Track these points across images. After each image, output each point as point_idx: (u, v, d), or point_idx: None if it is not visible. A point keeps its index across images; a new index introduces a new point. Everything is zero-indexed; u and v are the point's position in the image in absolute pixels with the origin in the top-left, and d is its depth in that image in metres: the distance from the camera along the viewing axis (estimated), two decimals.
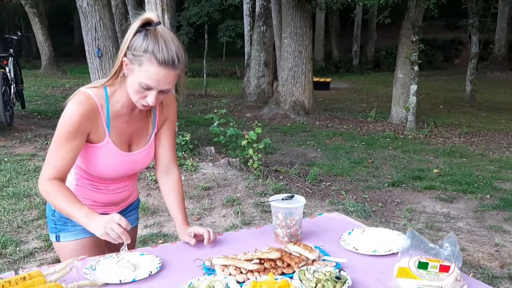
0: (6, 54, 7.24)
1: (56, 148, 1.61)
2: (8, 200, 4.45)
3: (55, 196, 1.60)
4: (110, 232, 1.50)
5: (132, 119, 1.72)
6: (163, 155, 1.87)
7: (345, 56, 21.61)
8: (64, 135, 1.59)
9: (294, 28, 9.48)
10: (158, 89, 1.56)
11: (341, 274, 1.40)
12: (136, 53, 1.52)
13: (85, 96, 1.60)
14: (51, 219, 1.84)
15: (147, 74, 1.52)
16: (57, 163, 1.61)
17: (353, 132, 8.75)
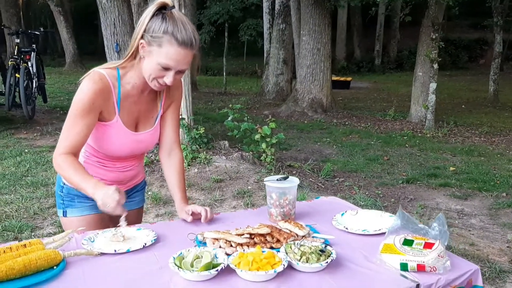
0: (29, 49, 7.45)
1: (71, 124, 1.66)
2: (27, 189, 4.59)
3: (66, 169, 1.65)
4: (106, 205, 1.57)
5: (140, 100, 1.79)
6: (167, 136, 1.93)
7: (367, 55, 21.45)
8: (78, 111, 1.65)
9: (312, 25, 9.48)
10: (177, 69, 1.63)
11: (327, 248, 1.44)
12: (155, 35, 1.58)
13: (99, 76, 1.67)
14: (59, 195, 1.92)
15: (167, 54, 1.59)
16: (71, 138, 1.66)
17: (370, 130, 8.70)
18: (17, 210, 4.07)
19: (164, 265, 1.42)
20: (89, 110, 1.65)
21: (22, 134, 6.77)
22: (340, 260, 1.45)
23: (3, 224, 3.74)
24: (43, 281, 1.33)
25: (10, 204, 4.21)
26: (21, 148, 6.01)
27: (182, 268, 1.34)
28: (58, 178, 1.94)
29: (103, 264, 1.45)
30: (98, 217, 1.91)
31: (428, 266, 1.36)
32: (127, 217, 2.02)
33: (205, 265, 1.33)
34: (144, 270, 1.41)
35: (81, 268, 1.42)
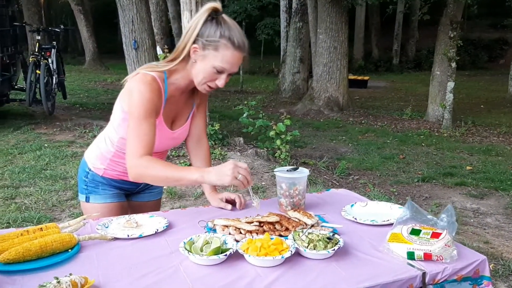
0: (50, 46, 7.58)
1: (138, 127, 1.65)
2: (46, 182, 4.69)
3: (156, 167, 1.63)
4: (237, 176, 1.59)
5: (179, 100, 1.84)
6: (196, 127, 1.99)
7: (385, 55, 21.27)
8: (142, 113, 1.65)
9: (329, 23, 9.46)
10: (230, 72, 1.69)
11: (334, 236, 1.46)
12: (210, 39, 1.63)
13: (151, 77, 1.69)
14: (83, 180, 1.97)
15: (224, 58, 1.64)
16: (143, 140, 1.65)
17: (387, 129, 8.65)
18: (36, 202, 4.17)
19: (175, 250, 1.46)
20: (152, 110, 1.68)
21: (42, 129, 6.91)
22: (348, 248, 1.47)
23: (23, 215, 3.83)
24: (58, 263, 1.38)
25: (29, 196, 4.31)
26: (41, 143, 6.13)
27: (192, 252, 1.37)
28: (83, 163, 2.00)
29: (116, 248, 1.49)
30: (119, 205, 1.97)
31: (434, 255, 1.37)
32: (142, 209, 2.08)
33: (214, 250, 1.36)
34: (155, 254, 1.45)
35: (95, 252, 1.47)
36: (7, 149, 5.85)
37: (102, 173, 1.94)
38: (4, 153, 5.66)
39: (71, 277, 1.21)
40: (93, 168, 1.95)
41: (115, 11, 7.64)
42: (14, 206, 4.04)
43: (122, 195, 2.01)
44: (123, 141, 1.85)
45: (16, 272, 1.33)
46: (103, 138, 1.94)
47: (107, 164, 1.91)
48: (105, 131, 1.95)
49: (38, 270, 1.34)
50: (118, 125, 1.82)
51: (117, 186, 1.97)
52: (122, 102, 1.78)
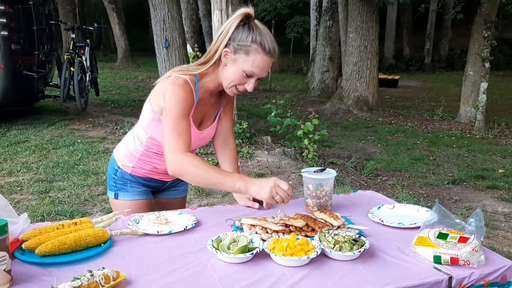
0: (83, 44, 7.78)
1: (176, 125, 1.68)
2: (78, 176, 4.83)
3: (200, 166, 1.64)
4: (275, 196, 1.62)
5: (207, 102, 1.88)
6: (223, 127, 2.02)
7: (416, 54, 20.90)
8: (180, 112, 1.69)
9: (360, 22, 9.37)
10: (259, 76, 1.72)
11: (360, 238, 1.47)
12: (242, 43, 1.67)
13: (183, 80, 1.73)
14: (112, 177, 2.03)
15: (254, 62, 1.68)
16: (182, 136, 1.68)
17: (417, 130, 8.52)
18: (69, 196, 4.30)
19: (203, 247, 1.49)
20: (187, 109, 1.71)
21: (75, 125, 7.10)
22: (373, 250, 1.47)
23: (57, 209, 3.96)
24: (91, 256, 1.43)
25: (63, 190, 4.44)
26: (74, 138, 6.31)
27: (219, 250, 1.41)
28: (112, 161, 2.06)
29: (146, 244, 1.54)
30: (147, 202, 2.02)
31: (461, 259, 1.36)
32: (171, 205, 2.13)
33: (241, 248, 1.39)
34: (184, 251, 1.48)
35: (126, 247, 1.52)
36: (42, 144, 6.04)
37: (130, 171, 1.98)
38: (39, 148, 5.85)
39: (104, 270, 1.25)
40: (121, 166, 2.00)
41: (147, 10, 7.77)
42: (48, 199, 4.17)
43: (149, 193, 2.06)
44: (152, 140, 1.89)
45: (52, 264, 1.39)
46: (131, 136, 1.98)
47: (136, 162, 1.96)
48: (134, 129, 1.99)
49: (72, 263, 1.40)
50: (147, 125, 1.87)
51: (145, 183, 2.02)
52: (153, 103, 1.82)
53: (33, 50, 7.02)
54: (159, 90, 1.77)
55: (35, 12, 7.10)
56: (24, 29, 6.84)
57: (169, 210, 2.05)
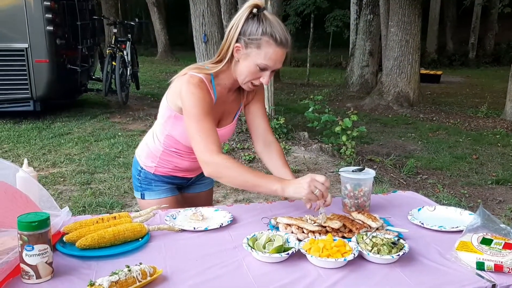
0: (125, 39, 7.94)
1: (200, 125, 1.65)
2: (119, 169, 4.94)
3: (237, 168, 1.62)
4: (314, 191, 1.55)
5: (226, 99, 1.86)
6: (258, 127, 1.95)
7: (460, 48, 20.24)
8: (200, 112, 1.66)
9: (401, 16, 9.14)
10: (273, 68, 1.68)
11: (399, 241, 1.43)
12: (252, 37, 1.63)
13: (198, 79, 1.70)
14: (137, 178, 2.05)
15: (266, 55, 1.64)
16: (210, 136, 1.65)
17: (459, 127, 8.26)
18: (110, 188, 4.41)
19: (238, 245, 1.49)
20: (207, 108, 1.68)
21: (116, 118, 7.27)
22: (413, 254, 1.43)
23: (97, 200, 4.07)
24: (129, 251, 1.46)
25: (103, 182, 4.56)
26: (115, 131, 6.45)
27: (255, 249, 1.40)
28: (135, 162, 2.07)
29: (183, 240, 1.55)
30: (174, 199, 2.03)
31: (506, 267, 1.31)
32: (198, 199, 2.14)
33: (277, 248, 1.38)
34: (219, 248, 1.49)
35: (163, 242, 1.53)
36: (85, 136, 6.22)
37: (153, 170, 1.99)
38: (82, 140, 6.02)
39: (141, 266, 1.27)
40: (144, 166, 2.00)
41: (186, 4, 7.83)
42: (90, 191, 4.29)
43: (174, 189, 2.06)
44: (170, 138, 1.88)
45: (91, 257, 1.42)
46: (151, 135, 1.98)
47: (158, 162, 1.96)
48: (152, 128, 2.00)
49: (111, 257, 1.43)
50: (164, 122, 1.86)
51: (169, 181, 2.02)
52: (169, 101, 1.80)
53: (77, 45, 7.23)
54: (175, 88, 1.75)
55: (79, 8, 7.29)
56: (68, 24, 7.04)
57: (196, 204, 2.06)
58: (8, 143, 5.87)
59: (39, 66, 6.54)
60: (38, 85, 6.61)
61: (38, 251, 1.27)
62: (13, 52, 6.49)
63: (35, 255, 1.26)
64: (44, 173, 4.82)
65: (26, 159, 1.74)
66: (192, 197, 2.16)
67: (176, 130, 1.85)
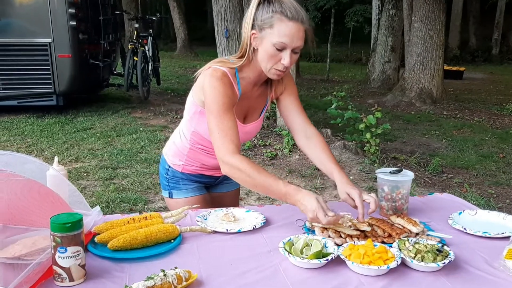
0: (146, 34, 7.94)
1: (220, 123, 1.62)
2: (141, 164, 4.94)
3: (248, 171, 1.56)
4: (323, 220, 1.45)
5: (252, 94, 1.81)
6: (295, 120, 1.87)
7: (483, 44, 19.84)
8: (221, 108, 1.62)
9: (425, 11, 8.96)
10: (292, 47, 1.60)
11: (444, 248, 1.36)
12: (264, 17, 1.59)
13: (221, 72, 1.66)
14: (164, 177, 2.02)
15: (280, 32, 1.58)
16: (229, 134, 1.62)
17: (484, 125, 8.08)
18: (132, 183, 4.40)
19: (273, 248, 1.44)
20: (228, 103, 1.65)
21: (137, 114, 7.28)
22: (457, 261, 1.36)
23: (121, 196, 4.06)
24: (162, 253, 1.42)
25: (126, 177, 4.55)
26: (137, 127, 6.46)
27: (292, 254, 1.35)
28: (162, 161, 2.04)
29: (216, 242, 1.51)
30: (201, 198, 2.00)
31: None
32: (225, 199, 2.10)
33: (315, 254, 1.33)
34: (254, 252, 1.44)
35: (195, 244, 1.49)
36: (107, 131, 6.23)
37: (181, 169, 1.96)
38: (104, 135, 6.04)
39: (176, 270, 1.23)
40: (172, 165, 1.98)
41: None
42: (113, 186, 4.29)
43: (202, 188, 2.02)
44: (196, 135, 1.85)
45: (124, 259, 1.38)
46: (178, 133, 1.96)
47: (185, 160, 1.93)
48: (179, 125, 1.97)
49: (144, 259, 1.39)
50: (190, 118, 1.83)
51: (197, 180, 1.99)
52: (194, 96, 1.78)
53: (99, 40, 7.25)
54: (199, 83, 1.72)
55: (101, 2, 7.31)
56: (91, 19, 7.06)
57: (223, 203, 2.04)
58: (31, 137, 5.92)
59: (62, 60, 6.58)
60: (61, 80, 6.66)
61: (71, 253, 1.23)
62: (37, 47, 6.54)
63: (68, 257, 1.23)
64: (68, 168, 4.83)
65: (56, 157, 1.71)
66: (219, 196, 2.13)
67: (201, 126, 1.81)
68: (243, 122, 1.83)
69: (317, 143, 1.83)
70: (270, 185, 1.54)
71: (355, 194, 1.58)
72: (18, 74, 6.65)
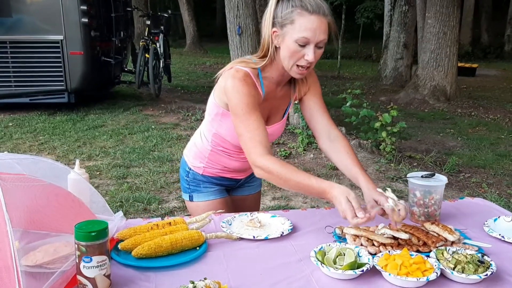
0: (158, 31, 7.89)
1: (247, 124, 1.59)
2: (154, 163, 4.89)
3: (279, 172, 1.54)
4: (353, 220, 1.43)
5: (275, 95, 1.76)
6: (319, 123, 1.81)
7: (495, 40, 19.60)
8: (246, 109, 1.60)
9: (440, 7, 8.83)
10: (315, 41, 1.55)
11: (485, 258, 1.29)
12: (284, 15, 1.55)
13: (244, 73, 1.63)
14: (185, 179, 1.97)
15: (301, 26, 1.53)
16: (257, 135, 1.59)
17: (500, 123, 7.95)
18: (146, 182, 4.36)
19: (303, 257, 1.39)
20: (253, 103, 1.61)
21: (149, 111, 7.24)
22: (499, 273, 1.30)
23: (134, 195, 4.02)
24: (188, 261, 1.37)
25: (139, 176, 4.51)
26: (148, 124, 6.42)
27: (325, 264, 1.29)
28: (183, 163, 1.99)
29: (242, 250, 1.45)
30: (223, 201, 1.95)
31: None
32: (246, 202, 2.05)
33: (350, 264, 1.27)
34: (283, 261, 1.38)
35: (222, 251, 1.44)
36: (118, 129, 6.20)
37: (202, 171, 1.91)
38: (116, 133, 6.01)
39: (206, 281, 1.18)
40: (192, 167, 1.93)
41: None
42: (126, 185, 4.25)
43: (223, 191, 1.98)
44: (218, 137, 1.81)
45: (149, 268, 1.33)
46: (199, 134, 1.92)
47: (206, 162, 1.89)
48: (200, 127, 1.93)
49: (169, 267, 1.34)
50: (212, 120, 1.79)
51: (218, 183, 1.95)
52: (216, 97, 1.74)
53: (110, 37, 7.21)
54: (221, 83, 1.68)
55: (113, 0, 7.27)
56: (103, 16, 7.02)
57: (244, 206, 2.01)
58: (43, 135, 5.90)
59: (74, 58, 6.55)
60: (72, 77, 6.63)
61: (97, 262, 1.18)
62: (49, 44, 6.52)
63: (94, 267, 1.18)
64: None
65: (78, 160, 1.66)
66: (241, 200, 2.07)
67: (223, 128, 1.77)
68: (266, 123, 1.77)
69: (341, 147, 1.77)
70: (303, 185, 1.52)
71: (384, 201, 1.52)
72: (30, 71, 6.63)
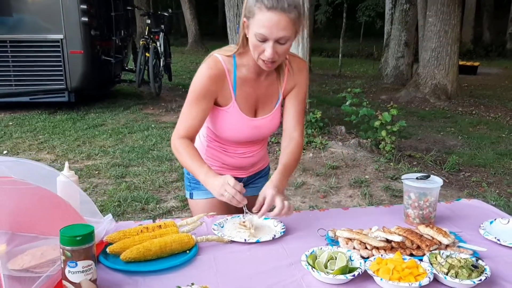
0: (158, 30, 7.87)
1: (187, 109, 1.69)
2: (153, 162, 4.87)
3: (182, 153, 1.67)
4: (224, 194, 1.52)
5: (258, 84, 1.74)
6: (287, 122, 1.82)
7: (497, 39, 19.51)
8: (194, 96, 1.68)
9: (441, 5, 8.78)
10: (273, 38, 1.52)
11: (479, 263, 1.27)
12: (249, 8, 1.53)
13: (214, 61, 1.66)
14: (187, 177, 1.96)
15: (259, 22, 1.51)
16: (187, 122, 1.69)
17: (501, 121, 7.91)
18: (144, 182, 4.34)
19: (295, 261, 1.37)
20: (204, 95, 1.66)
21: (149, 110, 7.22)
22: (494, 277, 1.27)
23: (132, 195, 4.00)
24: (178, 265, 1.35)
25: (138, 175, 4.49)
26: (148, 123, 6.40)
27: (316, 269, 1.27)
28: None
29: (233, 253, 1.43)
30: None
31: None
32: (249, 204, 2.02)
33: (341, 269, 1.24)
34: (274, 264, 1.36)
35: (212, 255, 1.42)
36: (118, 128, 6.18)
37: None
38: (116, 132, 5.99)
39: (193, 286, 1.16)
40: None
41: None
42: (124, 185, 4.23)
43: None
44: (213, 134, 1.82)
45: (137, 272, 1.31)
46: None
47: (205, 159, 1.85)
48: None
49: (158, 272, 1.32)
50: None
51: None
52: None
53: (111, 36, 7.19)
54: None
55: None
56: (103, 15, 7.00)
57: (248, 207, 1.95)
58: (43, 134, 5.89)
59: (74, 57, 6.54)
60: (73, 76, 6.62)
61: (82, 267, 1.17)
62: (49, 43, 6.50)
63: (79, 272, 1.16)
64: (79, 165, 4.79)
65: (67, 162, 1.64)
66: None
67: (210, 122, 1.80)
68: (254, 115, 1.76)
69: (290, 147, 1.78)
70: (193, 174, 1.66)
71: (269, 194, 1.57)
72: (30, 70, 6.62)
